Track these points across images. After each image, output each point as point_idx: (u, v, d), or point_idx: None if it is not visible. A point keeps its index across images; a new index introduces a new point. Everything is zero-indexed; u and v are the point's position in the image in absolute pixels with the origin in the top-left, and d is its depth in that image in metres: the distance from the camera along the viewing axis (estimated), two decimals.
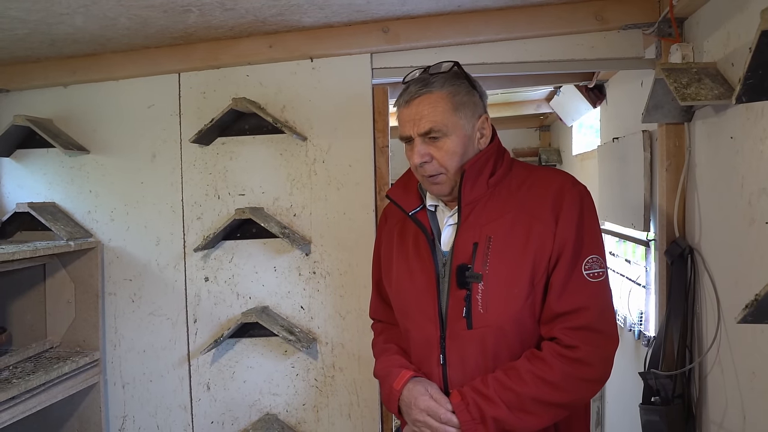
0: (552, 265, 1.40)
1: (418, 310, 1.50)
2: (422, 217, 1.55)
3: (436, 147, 1.44)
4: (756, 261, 1.52)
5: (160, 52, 2.40)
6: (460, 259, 1.44)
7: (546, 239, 1.40)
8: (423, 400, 1.40)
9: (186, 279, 2.46)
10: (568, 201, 1.42)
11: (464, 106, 1.46)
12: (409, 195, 1.59)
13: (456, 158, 1.45)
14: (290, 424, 2.42)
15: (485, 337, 1.41)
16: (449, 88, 1.45)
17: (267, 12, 2.06)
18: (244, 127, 2.42)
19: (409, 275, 1.54)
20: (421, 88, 1.45)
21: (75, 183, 2.52)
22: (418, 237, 1.54)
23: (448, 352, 1.44)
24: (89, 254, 2.46)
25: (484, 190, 1.47)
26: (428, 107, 1.43)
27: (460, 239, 1.45)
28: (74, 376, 2.32)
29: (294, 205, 2.40)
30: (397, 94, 2.93)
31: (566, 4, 2.15)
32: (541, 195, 1.45)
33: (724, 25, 1.69)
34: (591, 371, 1.38)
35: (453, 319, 1.43)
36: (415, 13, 2.20)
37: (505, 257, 1.41)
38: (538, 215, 1.42)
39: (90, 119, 2.50)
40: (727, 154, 1.69)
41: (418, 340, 1.52)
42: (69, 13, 1.93)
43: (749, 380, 1.58)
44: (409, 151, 1.49)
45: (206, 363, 2.46)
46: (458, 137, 1.45)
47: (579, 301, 1.38)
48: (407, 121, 1.46)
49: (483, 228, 1.44)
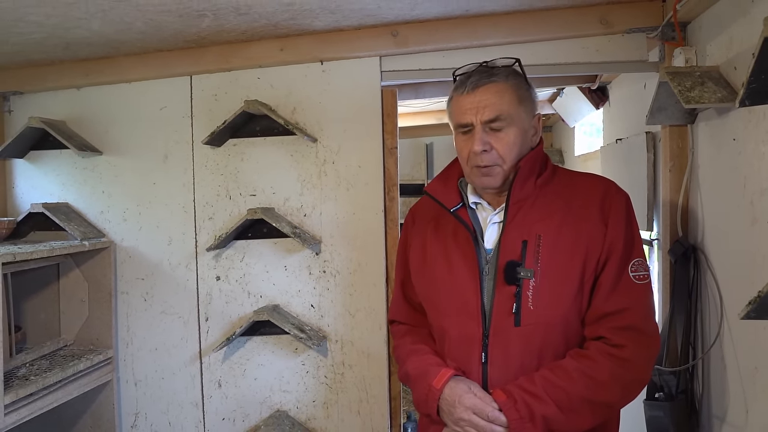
0: (601, 265, 1.42)
1: (459, 307, 1.48)
2: (462, 214, 1.54)
3: (497, 137, 1.44)
4: (758, 259, 1.56)
5: (172, 55, 2.44)
6: (508, 256, 1.43)
7: (596, 240, 1.42)
8: (468, 398, 1.37)
9: (198, 278, 2.50)
10: (616, 205, 1.45)
11: (526, 100, 1.48)
12: (449, 192, 1.58)
13: (515, 150, 1.45)
14: (300, 420, 2.46)
15: (532, 335, 1.40)
16: (513, 81, 1.46)
17: (280, 16, 2.10)
18: (255, 128, 2.46)
19: (449, 272, 1.51)
20: (487, 77, 1.45)
21: (88, 184, 2.56)
22: (458, 234, 1.53)
23: (490, 350, 1.42)
24: (102, 254, 2.50)
25: (532, 190, 1.48)
26: (494, 96, 1.43)
27: (507, 236, 1.45)
28: (88, 374, 2.36)
29: (304, 206, 2.44)
30: (406, 96, 2.98)
31: (572, 8, 2.19)
32: (587, 198, 1.47)
33: (726, 30, 1.73)
34: (637, 371, 1.39)
35: (499, 315, 1.42)
36: (424, 17, 2.24)
37: (556, 255, 1.41)
38: (586, 217, 1.44)
39: (103, 121, 2.54)
40: (729, 156, 1.73)
41: (456, 338, 1.48)
42: (87, 18, 1.97)
43: (752, 376, 1.62)
44: (464, 141, 1.47)
45: (218, 361, 2.50)
46: (519, 130, 1.45)
47: (626, 301, 1.40)
48: (469, 108, 1.44)
49: (531, 227, 1.44)
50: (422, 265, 1.60)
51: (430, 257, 1.57)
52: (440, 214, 1.59)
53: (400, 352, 1.66)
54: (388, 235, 2.41)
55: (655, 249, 2.40)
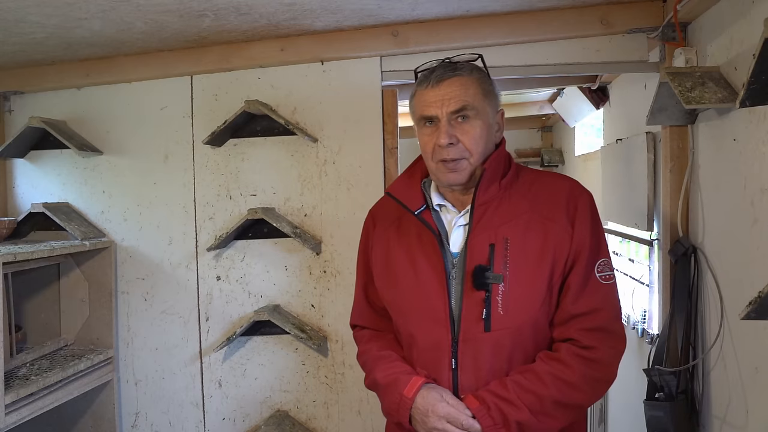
0: (568, 267, 1.40)
1: (426, 313, 1.44)
2: (427, 216, 1.49)
3: (463, 130, 1.41)
4: (758, 259, 1.56)
5: (173, 55, 2.44)
6: (476, 260, 1.40)
7: (563, 241, 1.40)
8: (441, 407, 1.35)
9: (198, 278, 2.50)
10: (581, 205, 1.44)
11: (490, 94, 1.46)
12: (412, 193, 1.53)
13: (481, 144, 1.42)
14: (301, 420, 2.47)
15: (502, 340, 1.38)
16: (477, 75, 1.45)
17: (280, 16, 2.11)
18: (256, 128, 2.46)
19: (415, 277, 1.47)
20: (451, 71, 1.42)
21: (88, 183, 2.56)
22: (422, 237, 1.49)
23: (460, 356, 1.40)
24: (103, 254, 2.51)
25: (497, 191, 1.45)
26: (459, 88, 1.40)
27: (474, 240, 1.42)
28: (89, 374, 2.37)
29: (305, 206, 2.45)
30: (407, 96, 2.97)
31: (572, 8, 2.19)
32: (552, 198, 1.45)
33: (727, 30, 1.73)
34: (607, 372, 1.40)
35: (468, 321, 1.39)
36: (425, 18, 2.24)
37: (524, 259, 1.39)
38: (552, 218, 1.42)
39: (103, 121, 2.55)
40: (730, 156, 1.73)
41: (425, 345, 1.45)
42: (87, 18, 1.98)
43: (752, 376, 1.62)
44: (428, 135, 1.44)
45: (218, 360, 2.50)
46: (485, 123, 1.43)
47: (594, 302, 1.39)
48: (433, 101, 1.41)
49: (498, 229, 1.41)
50: (386, 270, 1.55)
51: (394, 261, 1.53)
52: (403, 215, 1.55)
53: (366, 359, 1.60)
54: None
55: (655, 249, 2.40)
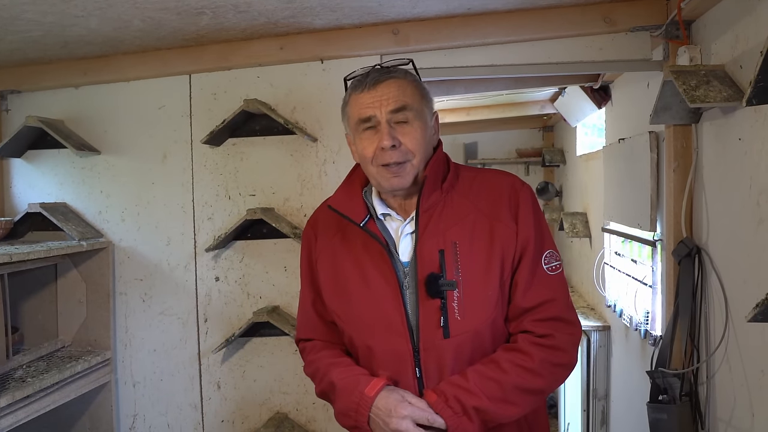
0: (515, 263, 1.41)
1: (383, 324, 1.41)
2: (372, 227, 1.46)
3: (404, 131, 1.38)
4: (765, 261, 1.54)
5: (171, 54, 2.42)
6: (427, 268, 1.38)
7: (509, 239, 1.40)
8: (404, 407, 1.32)
9: (197, 279, 2.48)
10: (523, 200, 1.43)
11: (426, 97, 1.44)
12: (354, 204, 1.49)
13: (422, 146, 1.40)
14: (300, 422, 2.44)
15: (462, 344, 1.37)
16: (411, 78, 1.43)
17: (280, 14, 2.08)
18: (255, 128, 2.44)
19: (366, 289, 1.44)
20: (386, 74, 1.40)
21: (86, 183, 2.54)
22: (370, 248, 1.44)
23: (423, 365, 1.38)
24: (100, 254, 2.48)
25: (439, 195, 1.43)
26: (397, 89, 1.38)
27: (423, 247, 1.40)
28: (86, 375, 2.35)
29: (304, 206, 2.42)
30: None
31: (575, 6, 2.17)
32: (494, 196, 1.44)
33: (732, 28, 1.71)
34: (566, 357, 1.40)
35: (427, 330, 1.37)
36: (425, 16, 2.22)
37: (474, 261, 1.38)
38: (496, 216, 1.42)
39: (101, 120, 2.53)
40: (735, 156, 1.71)
41: (384, 356, 1.42)
42: (84, 16, 1.95)
43: (758, 378, 1.60)
44: (367, 139, 1.40)
45: (217, 362, 2.48)
46: (424, 125, 1.41)
47: (545, 294, 1.40)
48: (370, 103, 1.38)
49: (445, 234, 1.40)
50: (334, 283, 1.50)
51: (343, 273, 1.48)
52: (346, 227, 1.50)
53: (318, 366, 1.54)
54: None
55: (658, 250, 2.38)
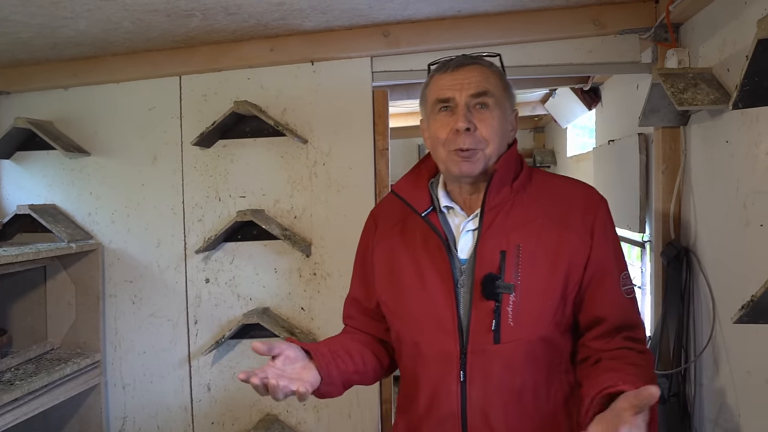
0: (588, 278, 1.33)
1: (433, 321, 1.35)
2: (434, 219, 1.40)
3: (482, 116, 1.31)
4: (751, 262, 1.55)
5: (161, 55, 2.42)
6: (485, 268, 1.32)
7: (580, 251, 1.32)
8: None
9: (187, 280, 2.47)
10: (601, 215, 1.36)
11: (509, 90, 1.39)
12: (419, 193, 1.43)
13: (498, 136, 1.33)
14: (290, 424, 2.44)
15: (513, 352, 1.30)
16: (496, 69, 1.38)
17: (270, 16, 2.08)
18: (245, 129, 2.44)
19: (421, 284, 1.38)
20: (472, 59, 1.35)
21: (75, 185, 2.53)
22: (429, 241, 1.39)
23: (469, 369, 1.31)
24: (90, 256, 2.47)
25: (508, 194, 1.36)
26: (480, 75, 1.32)
27: (484, 246, 1.33)
28: (75, 378, 2.33)
29: (294, 207, 2.42)
30: (398, 97, 2.95)
31: (565, 9, 2.18)
32: (568, 205, 1.37)
33: (719, 32, 1.73)
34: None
35: (477, 332, 1.31)
36: (416, 18, 2.22)
37: (537, 267, 1.31)
38: (568, 225, 1.34)
39: (91, 121, 2.52)
40: (722, 158, 1.72)
41: (431, 356, 1.36)
42: (73, 17, 1.95)
43: (744, 379, 1.61)
44: (442, 120, 1.34)
45: (207, 364, 2.47)
46: (503, 115, 1.34)
47: (635, 317, 1.35)
48: (451, 84, 1.32)
49: (509, 235, 1.33)
50: (389, 274, 1.45)
51: (398, 266, 1.43)
52: (407, 217, 1.46)
53: None
54: None
55: (647, 251, 2.39)
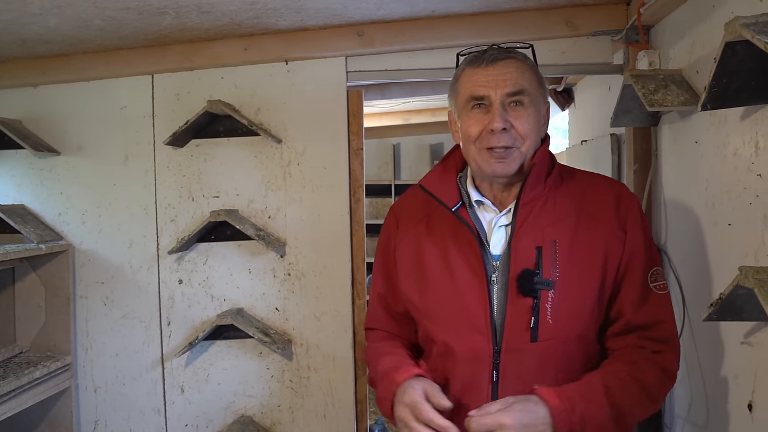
0: (621, 274, 1.32)
1: (464, 320, 1.32)
2: (464, 214, 1.36)
3: (518, 114, 1.28)
4: (720, 261, 1.58)
5: (133, 54, 2.38)
6: (521, 264, 1.29)
7: (615, 247, 1.31)
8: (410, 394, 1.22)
9: (160, 281, 2.44)
10: (633, 210, 1.35)
11: (542, 84, 1.37)
12: (447, 187, 1.39)
13: (534, 133, 1.31)
14: (265, 425, 2.43)
15: (549, 351, 1.27)
16: (531, 63, 1.35)
17: (243, 15, 2.07)
18: (219, 129, 2.41)
19: (451, 280, 1.35)
20: (506, 53, 1.31)
21: (45, 185, 2.48)
22: (459, 237, 1.35)
23: (502, 368, 1.28)
24: (60, 257, 2.43)
25: (542, 190, 1.34)
26: (516, 71, 1.29)
27: (519, 242, 1.30)
28: (45, 381, 2.29)
29: (269, 207, 2.41)
30: (372, 97, 2.95)
31: (538, 10, 2.19)
32: (601, 200, 1.35)
33: (689, 34, 1.75)
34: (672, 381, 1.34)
35: (513, 330, 1.27)
36: (390, 18, 2.22)
37: (574, 263, 1.29)
38: (602, 220, 1.33)
39: (61, 120, 2.47)
40: (691, 158, 1.74)
41: (462, 355, 1.32)
42: (42, 14, 1.91)
43: (713, 376, 1.63)
44: (475, 117, 1.31)
45: (180, 366, 2.45)
46: (538, 112, 1.32)
47: (658, 313, 1.33)
48: (486, 81, 1.28)
49: (544, 231, 1.30)
50: (416, 271, 1.42)
51: (426, 262, 1.40)
52: (432, 213, 1.43)
53: (373, 354, 1.50)
54: (354, 237, 2.39)
55: None
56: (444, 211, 1.38)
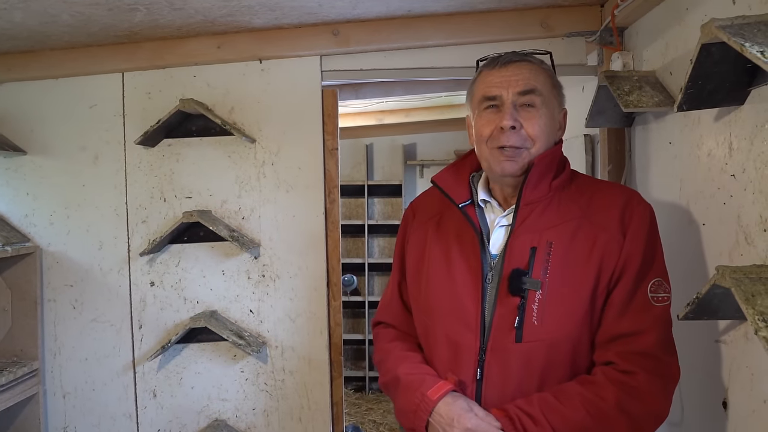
0: (615, 280, 1.29)
1: (456, 315, 1.33)
2: (471, 212, 1.39)
3: (528, 115, 1.30)
4: (695, 261, 1.59)
5: (103, 51, 2.33)
6: (513, 264, 1.30)
7: (611, 251, 1.29)
8: (469, 418, 1.21)
9: (131, 284, 2.40)
10: (638, 216, 1.32)
11: (558, 89, 1.39)
12: (459, 185, 1.43)
13: (544, 135, 1.32)
14: (240, 429, 2.39)
15: (534, 353, 1.26)
16: (546, 67, 1.37)
17: (217, 12, 2.03)
18: (191, 128, 2.37)
19: (448, 275, 1.37)
20: (521, 56, 1.34)
21: (11, 185, 2.42)
22: (463, 234, 1.38)
23: (487, 367, 1.28)
24: (27, 259, 2.37)
25: (546, 192, 1.34)
26: (529, 72, 1.32)
27: (515, 241, 1.31)
28: (11, 388, 2.23)
29: (243, 208, 2.38)
30: (347, 97, 2.93)
31: (513, 10, 2.20)
32: (607, 206, 1.34)
33: (662, 36, 1.77)
34: (650, 403, 1.24)
35: (499, 329, 1.28)
36: (366, 17, 2.21)
37: (567, 266, 1.28)
38: (604, 226, 1.31)
39: (27, 119, 2.41)
40: (666, 159, 1.76)
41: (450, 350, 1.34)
42: (7, 9, 1.86)
43: (688, 374, 1.64)
44: (488, 117, 1.33)
45: (152, 370, 2.40)
46: (550, 114, 1.34)
47: (641, 323, 1.26)
48: (499, 81, 1.32)
49: (542, 233, 1.31)
50: (419, 265, 1.46)
51: (429, 257, 1.43)
52: (445, 211, 1.46)
53: (387, 356, 1.49)
54: (329, 238, 2.36)
55: None
56: (454, 210, 1.41)
